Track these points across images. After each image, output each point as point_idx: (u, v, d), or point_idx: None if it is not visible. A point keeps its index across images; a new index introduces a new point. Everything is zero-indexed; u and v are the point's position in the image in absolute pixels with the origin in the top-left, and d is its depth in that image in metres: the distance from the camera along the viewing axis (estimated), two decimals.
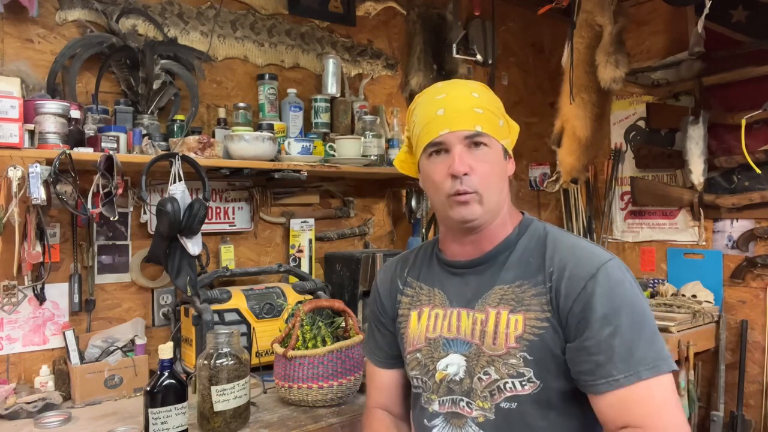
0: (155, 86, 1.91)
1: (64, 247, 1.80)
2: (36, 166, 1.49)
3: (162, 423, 1.31)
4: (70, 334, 1.69)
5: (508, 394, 1.00)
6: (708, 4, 2.12)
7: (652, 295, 2.80)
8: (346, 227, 2.48)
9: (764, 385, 2.60)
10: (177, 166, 1.73)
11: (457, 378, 1.06)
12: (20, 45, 1.76)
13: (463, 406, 1.05)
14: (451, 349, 1.07)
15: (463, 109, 1.03)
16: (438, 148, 1.04)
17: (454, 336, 1.08)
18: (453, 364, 1.07)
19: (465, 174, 1.00)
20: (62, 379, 1.70)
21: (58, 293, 1.78)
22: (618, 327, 0.94)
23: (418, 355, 1.13)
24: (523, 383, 0.99)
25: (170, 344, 1.37)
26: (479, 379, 1.03)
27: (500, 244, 1.08)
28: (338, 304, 1.71)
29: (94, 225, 1.85)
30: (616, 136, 3.17)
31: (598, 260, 0.99)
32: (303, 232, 2.27)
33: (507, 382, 1.00)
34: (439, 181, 1.03)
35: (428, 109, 1.06)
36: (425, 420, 1.11)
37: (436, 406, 1.09)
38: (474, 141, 1.02)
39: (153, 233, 1.87)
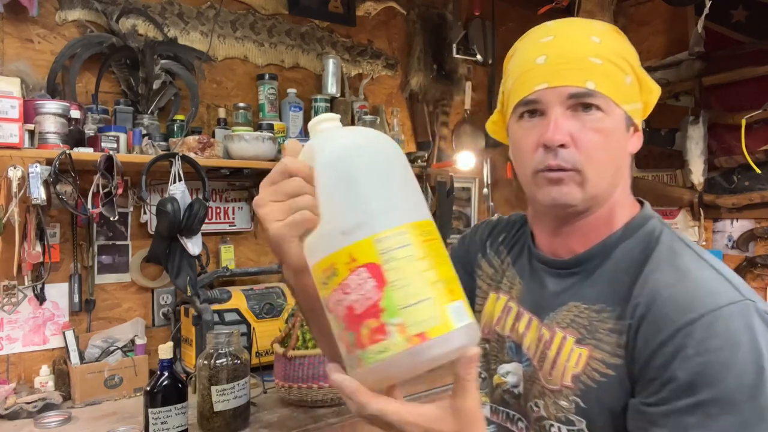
0: (155, 86, 1.91)
1: (64, 247, 1.80)
2: (36, 166, 1.49)
3: (162, 423, 1.31)
4: (70, 334, 1.69)
5: None
6: (708, 4, 2.12)
7: None
8: None
9: None
10: (177, 166, 1.73)
11: (516, 391, 0.86)
12: (20, 45, 1.76)
13: (522, 428, 0.85)
14: (516, 357, 0.86)
15: (573, 57, 0.74)
16: (531, 107, 0.76)
17: (519, 343, 0.86)
18: (514, 374, 0.86)
19: (562, 145, 0.73)
20: (62, 379, 1.70)
21: (58, 293, 1.78)
22: (704, 403, 0.63)
23: (486, 345, 0.91)
24: None
25: (170, 344, 1.37)
26: (530, 407, 0.82)
27: (596, 246, 0.79)
28: None
29: (94, 225, 1.85)
30: None
31: (711, 301, 0.66)
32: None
33: (553, 426, 0.77)
34: (527, 151, 0.77)
35: (527, 56, 0.78)
36: None
37: (487, 412, 0.91)
38: (582, 102, 0.73)
39: (153, 233, 1.87)
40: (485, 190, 2.96)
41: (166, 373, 1.34)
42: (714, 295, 0.67)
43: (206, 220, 1.85)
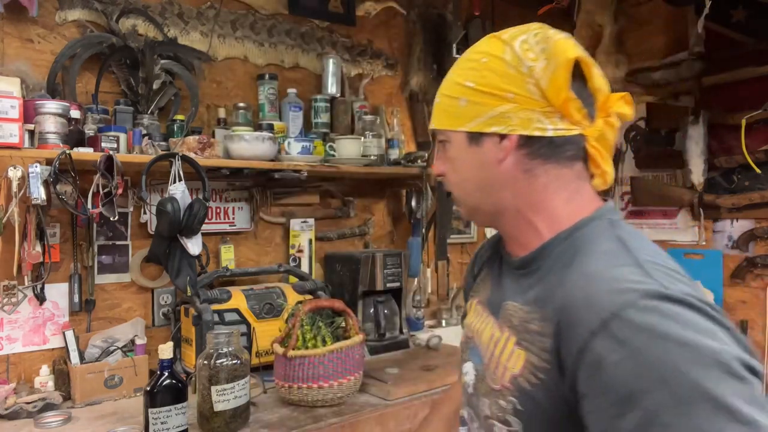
0: (155, 86, 1.91)
1: (64, 247, 1.80)
2: (36, 166, 1.49)
3: (162, 423, 1.31)
4: (70, 334, 1.69)
5: None
6: (708, 4, 2.12)
7: None
8: (346, 227, 2.48)
9: (764, 385, 2.60)
10: (177, 166, 1.73)
11: (469, 390, 0.86)
12: (20, 45, 1.76)
13: (475, 428, 0.85)
14: (473, 357, 0.87)
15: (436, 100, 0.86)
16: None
17: (478, 342, 0.87)
18: (470, 374, 0.87)
19: (441, 175, 0.87)
20: (62, 379, 1.70)
21: (58, 293, 1.78)
22: (653, 413, 0.57)
23: (463, 347, 0.94)
24: None
25: (170, 344, 1.37)
26: (480, 406, 0.82)
27: (536, 249, 0.80)
28: (338, 304, 1.71)
29: (94, 225, 1.85)
30: None
31: (620, 298, 0.62)
32: (303, 232, 2.27)
33: (495, 426, 0.77)
34: None
35: None
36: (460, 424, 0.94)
37: (464, 413, 0.91)
38: (439, 139, 0.85)
39: (153, 233, 1.87)
40: None
41: (166, 373, 1.34)
42: (623, 292, 0.63)
43: (206, 220, 1.85)
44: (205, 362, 1.41)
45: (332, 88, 2.32)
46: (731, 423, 0.55)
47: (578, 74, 0.77)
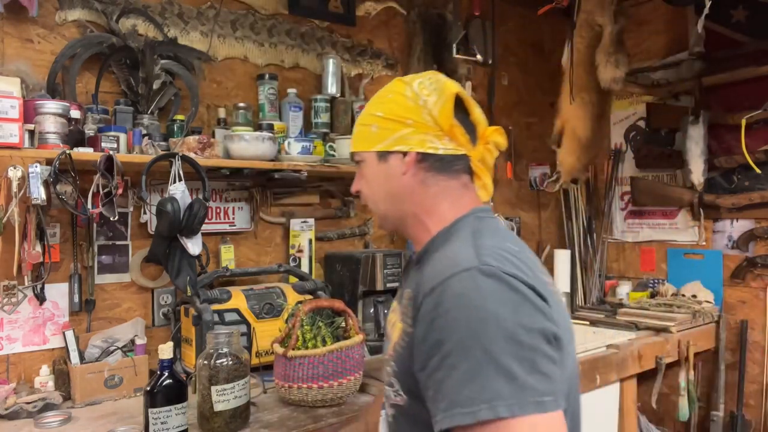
0: (155, 86, 1.91)
1: (64, 247, 1.80)
2: (36, 166, 1.49)
3: (162, 423, 1.31)
4: (70, 334, 1.69)
5: (390, 402, 0.95)
6: (708, 4, 2.12)
7: (652, 295, 2.80)
8: (346, 227, 2.48)
9: (764, 385, 2.60)
10: (177, 166, 1.73)
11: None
12: (20, 45, 1.76)
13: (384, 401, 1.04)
14: (386, 344, 1.04)
15: None
16: None
17: (389, 331, 1.03)
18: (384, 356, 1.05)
19: (357, 192, 1.07)
20: (62, 379, 1.70)
21: (58, 293, 1.78)
22: (445, 357, 0.77)
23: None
24: (395, 394, 0.92)
25: (170, 344, 1.37)
26: (383, 376, 1.02)
27: (425, 245, 1.00)
28: (338, 304, 1.71)
29: (94, 225, 1.84)
30: (616, 136, 3.17)
31: (450, 271, 0.82)
32: (303, 232, 2.27)
33: (387, 389, 0.96)
34: None
35: None
36: None
37: None
38: (355, 160, 1.06)
39: (153, 233, 1.87)
40: None
41: (166, 373, 1.34)
42: (456, 265, 0.83)
43: (206, 220, 1.85)
44: (205, 362, 1.41)
45: (332, 88, 2.32)
46: (498, 375, 0.73)
47: (462, 109, 0.99)
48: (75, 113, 1.69)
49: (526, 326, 0.76)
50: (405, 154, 0.98)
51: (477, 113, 1.01)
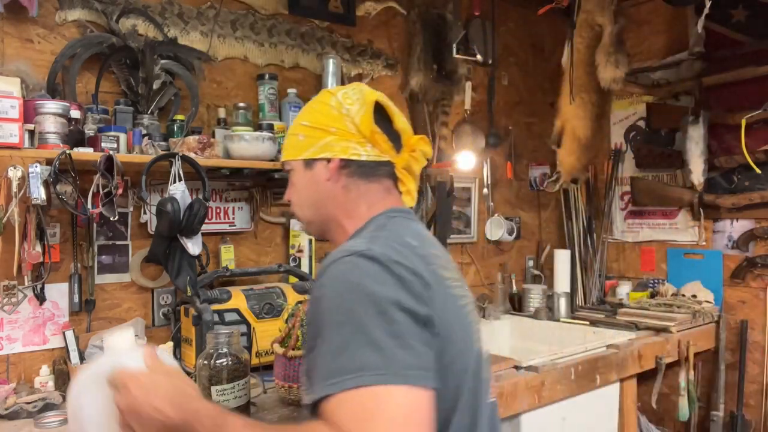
0: (155, 86, 1.91)
1: (64, 247, 1.80)
2: (36, 166, 1.49)
3: None
4: (70, 334, 1.69)
5: (304, 402, 0.92)
6: (708, 4, 2.12)
7: (652, 295, 2.80)
8: None
9: (764, 385, 2.60)
10: (177, 166, 1.73)
11: None
12: (20, 45, 1.76)
13: None
14: None
15: None
16: None
17: None
18: None
19: (288, 201, 1.11)
20: (62, 379, 1.70)
21: (58, 293, 1.78)
22: (321, 334, 0.81)
23: None
24: (305, 392, 0.90)
25: (170, 344, 1.37)
26: None
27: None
28: None
29: (94, 225, 1.84)
30: (616, 136, 3.17)
31: (335, 257, 0.88)
32: (303, 232, 2.27)
33: (302, 386, 1.00)
34: None
35: None
36: None
37: None
38: (286, 170, 1.10)
39: (153, 233, 1.87)
40: (485, 190, 2.96)
41: None
42: (339, 253, 0.88)
43: (206, 220, 1.85)
44: (205, 362, 1.41)
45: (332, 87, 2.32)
46: (367, 347, 0.77)
47: (385, 117, 1.04)
48: (75, 113, 1.69)
49: (398, 304, 0.80)
50: (329, 160, 1.02)
51: (400, 122, 1.06)
